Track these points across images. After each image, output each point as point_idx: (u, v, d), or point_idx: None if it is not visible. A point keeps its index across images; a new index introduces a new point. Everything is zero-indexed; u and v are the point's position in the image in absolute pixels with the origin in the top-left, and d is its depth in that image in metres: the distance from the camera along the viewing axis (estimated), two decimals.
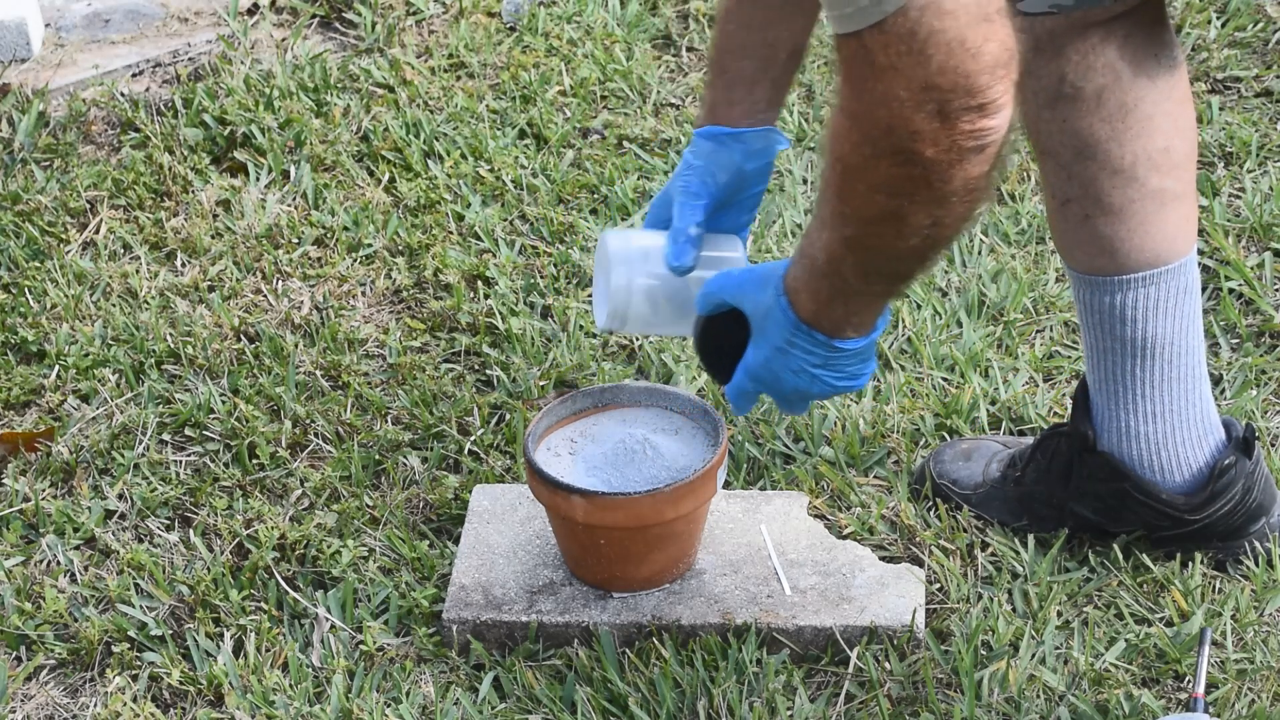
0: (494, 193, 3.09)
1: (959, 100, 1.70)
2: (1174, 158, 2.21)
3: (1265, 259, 2.86)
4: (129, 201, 3.11)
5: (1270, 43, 3.35)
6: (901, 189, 1.77)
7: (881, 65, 1.70)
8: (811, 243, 1.91)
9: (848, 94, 1.75)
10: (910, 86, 1.70)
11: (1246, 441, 2.31)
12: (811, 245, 1.91)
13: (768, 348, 1.99)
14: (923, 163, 1.74)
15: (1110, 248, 2.23)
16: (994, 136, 1.74)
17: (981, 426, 2.58)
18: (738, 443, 2.56)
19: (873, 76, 1.71)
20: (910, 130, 1.72)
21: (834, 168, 1.81)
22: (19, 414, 2.72)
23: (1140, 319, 2.25)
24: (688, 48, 3.43)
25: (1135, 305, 2.25)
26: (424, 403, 2.67)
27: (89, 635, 2.35)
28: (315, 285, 2.92)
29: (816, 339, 1.96)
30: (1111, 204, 2.21)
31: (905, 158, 1.74)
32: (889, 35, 1.69)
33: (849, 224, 1.84)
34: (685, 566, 2.34)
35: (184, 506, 2.55)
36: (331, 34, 3.56)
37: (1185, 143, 2.22)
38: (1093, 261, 2.24)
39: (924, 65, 1.69)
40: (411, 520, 2.50)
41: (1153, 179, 2.20)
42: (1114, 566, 2.36)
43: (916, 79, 1.70)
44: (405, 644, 2.33)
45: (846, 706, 2.22)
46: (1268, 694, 2.20)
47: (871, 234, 1.83)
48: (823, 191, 1.85)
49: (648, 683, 2.24)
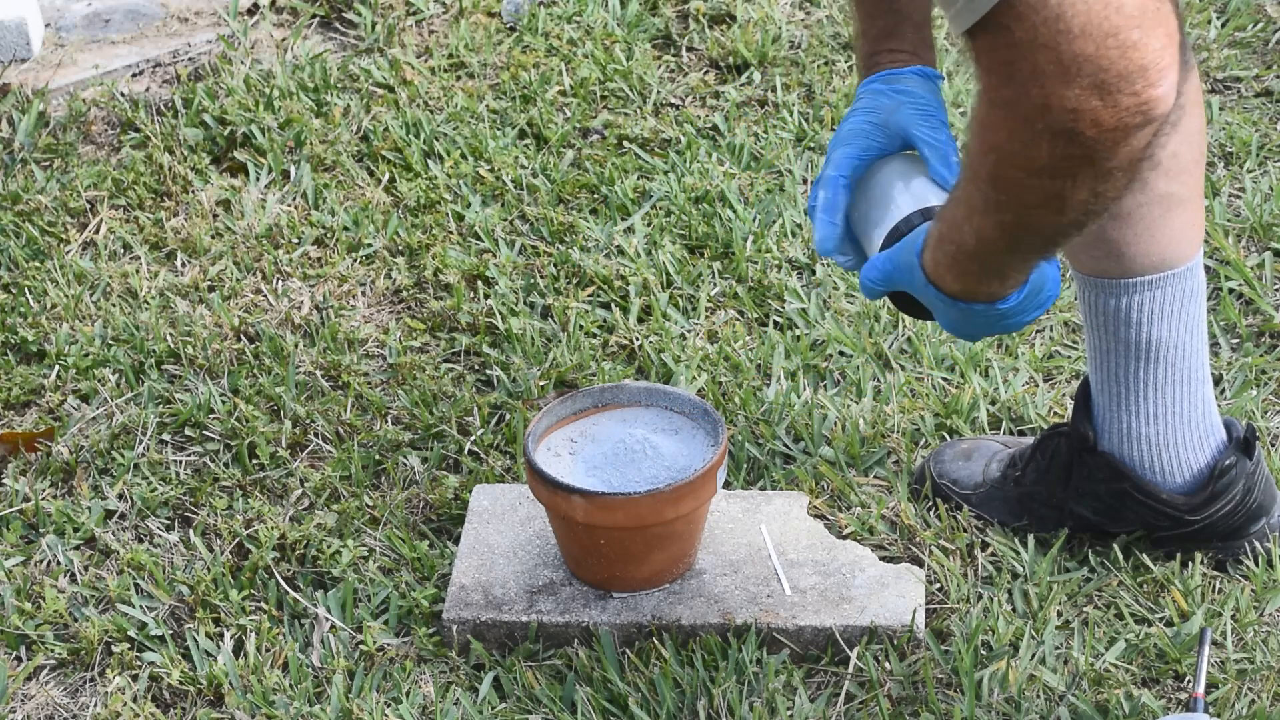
0: (494, 193, 3.09)
1: (1114, 66, 1.62)
2: (1181, 162, 2.20)
3: (1265, 259, 2.86)
4: (129, 201, 3.11)
5: (1270, 43, 3.35)
6: (1063, 170, 1.70)
7: (1022, 41, 1.63)
8: (956, 228, 1.84)
9: (994, 82, 1.68)
10: (1057, 58, 1.62)
11: (1247, 442, 2.32)
12: (957, 231, 1.84)
13: (946, 317, 1.95)
14: (1084, 142, 1.66)
15: (1117, 251, 2.22)
16: (1160, 108, 1.65)
17: (981, 426, 2.58)
18: (738, 443, 2.56)
19: (1017, 57, 1.64)
20: (1067, 108, 1.64)
21: (986, 157, 1.74)
22: (19, 414, 2.72)
23: (1145, 322, 2.25)
24: (688, 48, 3.43)
25: (1140, 308, 2.25)
26: (424, 403, 2.67)
27: (89, 635, 2.35)
28: (315, 285, 2.92)
29: (976, 309, 1.91)
30: (1119, 208, 2.20)
31: (1065, 138, 1.66)
32: (1020, 8, 1.62)
33: (1006, 210, 1.78)
34: (685, 566, 2.34)
35: (184, 506, 2.55)
36: (331, 34, 3.56)
37: (1193, 148, 2.21)
38: (1098, 264, 2.24)
39: (1065, 31, 1.61)
40: (411, 520, 2.50)
41: (1160, 183, 2.20)
42: (1114, 566, 2.36)
43: (1062, 49, 1.62)
44: (405, 644, 2.33)
45: (846, 706, 2.22)
46: (1268, 694, 2.20)
47: (1031, 217, 1.77)
48: (972, 180, 1.78)
49: (648, 683, 2.24)
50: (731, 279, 2.88)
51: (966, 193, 1.82)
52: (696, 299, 2.84)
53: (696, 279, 2.87)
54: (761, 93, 3.31)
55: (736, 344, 2.74)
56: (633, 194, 3.05)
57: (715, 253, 2.93)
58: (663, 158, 3.15)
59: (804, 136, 3.16)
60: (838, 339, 2.73)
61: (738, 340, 2.75)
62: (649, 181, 3.09)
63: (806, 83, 3.30)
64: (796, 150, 3.13)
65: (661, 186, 3.06)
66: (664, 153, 3.16)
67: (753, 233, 2.94)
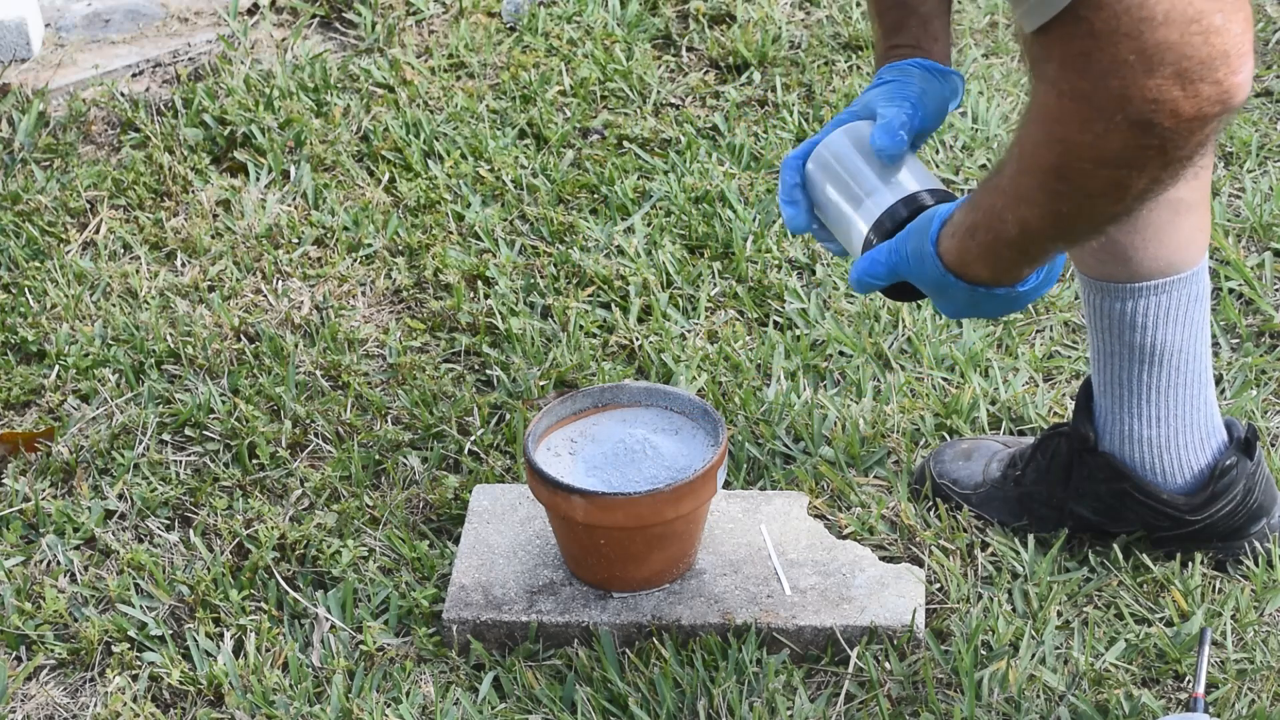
0: (494, 193, 3.09)
1: (1196, 53, 1.60)
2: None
3: (1265, 259, 2.86)
4: (129, 201, 3.11)
5: (1270, 43, 3.35)
6: (1134, 160, 1.68)
7: (1102, 30, 1.60)
8: (995, 216, 1.82)
9: (1069, 74, 1.65)
10: (1139, 47, 1.60)
11: (1248, 442, 2.31)
12: (996, 220, 1.82)
13: (955, 303, 1.93)
14: (1160, 132, 1.64)
15: (1124, 255, 2.22)
16: (1239, 96, 1.63)
17: (981, 426, 2.58)
18: (738, 443, 2.56)
19: (1096, 48, 1.61)
20: (1148, 98, 1.61)
21: (1050, 148, 1.72)
22: (19, 414, 2.72)
23: (1150, 326, 2.25)
24: (688, 48, 3.43)
25: (1146, 312, 2.25)
26: (424, 403, 2.67)
27: (89, 635, 2.35)
28: (315, 285, 2.92)
29: (996, 294, 1.90)
30: None
31: (1141, 129, 1.64)
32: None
33: (1064, 200, 1.76)
34: (685, 566, 2.34)
35: (184, 506, 2.55)
36: (331, 34, 3.56)
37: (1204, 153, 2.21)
38: (1105, 268, 2.24)
39: (1148, 18, 1.59)
40: (411, 520, 2.50)
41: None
42: (1114, 566, 2.36)
43: (1145, 37, 1.59)
44: (405, 644, 2.33)
45: (846, 706, 2.22)
46: (1268, 694, 2.20)
47: (1091, 205, 1.75)
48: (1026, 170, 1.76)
49: (648, 683, 2.24)
50: (731, 279, 2.88)
51: (1016, 183, 1.80)
52: (696, 299, 2.84)
53: (696, 279, 2.87)
54: (761, 93, 3.31)
55: (736, 344, 2.74)
56: (633, 194, 3.05)
57: (715, 253, 2.93)
58: (663, 158, 3.15)
59: (804, 136, 3.16)
60: (838, 339, 2.73)
61: (738, 340, 2.75)
62: (649, 181, 3.09)
63: (806, 83, 3.30)
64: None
65: (661, 186, 3.06)
66: (664, 153, 3.16)
67: (753, 233, 2.94)
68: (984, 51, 3.35)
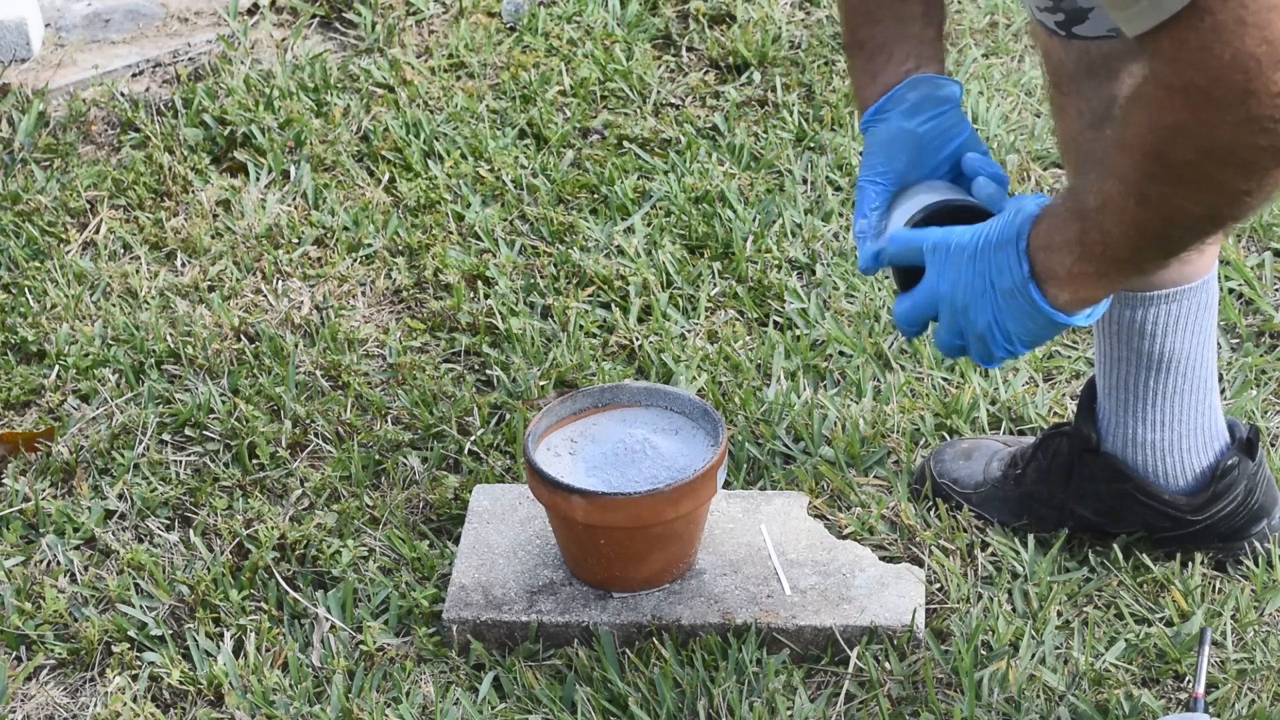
0: (494, 193, 3.09)
1: None
2: None
3: (1265, 259, 2.86)
4: (129, 201, 3.11)
5: None
6: (1247, 160, 1.60)
7: (1225, 23, 1.53)
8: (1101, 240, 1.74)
9: (1185, 73, 1.57)
10: (1266, 38, 1.52)
11: (1249, 443, 2.32)
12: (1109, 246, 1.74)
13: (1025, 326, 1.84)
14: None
15: None
16: None
17: (981, 426, 2.58)
18: (738, 443, 2.56)
19: (1215, 41, 1.54)
20: (1273, 92, 1.54)
21: (1170, 142, 1.63)
22: (19, 414, 2.72)
23: (1160, 334, 2.25)
24: (688, 48, 3.43)
25: (1156, 321, 2.24)
26: (424, 403, 2.67)
27: (89, 635, 2.35)
28: (315, 285, 2.92)
29: (1072, 319, 1.82)
30: None
31: (1260, 126, 1.56)
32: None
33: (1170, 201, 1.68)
34: (685, 566, 2.34)
35: (184, 506, 2.55)
36: (331, 34, 3.56)
37: None
38: None
39: (1277, 6, 1.52)
40: (411, 520, 2.50)
41: None
42: (1114, 566, 2.36)
43: (1275, 27, 1.52)
44: (405, 644, 2.33)
45: (846, 706, 2.22)
46: (1268, 694, 2.20)
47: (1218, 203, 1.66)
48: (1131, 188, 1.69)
49: (648, 683, 2.24)
50: (731, 279, 2.88)
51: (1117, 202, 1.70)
52: (696, 299, 2.84)
53: (696, 279, 2.87)
54: (761, 93, 3.31)
55: (736, 344, 2.74)
56: (633, 194, 3.05)
57: (715, 253, 2.93)
58: (663, 158, 3.15)
59: (804, 136, 3.16)
60: (838, 339, 2.73)
61: (738, 340, 2.75)
62: (649, 181, 3.09)
63: (806, 83, 3.30)
64: (796, 150, 3.13)
65: (661, 186, 3.06)
66: (664, 153, 3.16)
67: (753, 233, 2.94)
68: (984, 51, 3.35)
